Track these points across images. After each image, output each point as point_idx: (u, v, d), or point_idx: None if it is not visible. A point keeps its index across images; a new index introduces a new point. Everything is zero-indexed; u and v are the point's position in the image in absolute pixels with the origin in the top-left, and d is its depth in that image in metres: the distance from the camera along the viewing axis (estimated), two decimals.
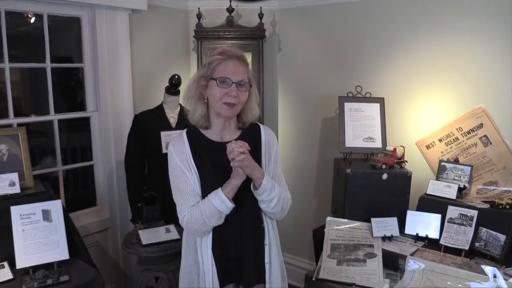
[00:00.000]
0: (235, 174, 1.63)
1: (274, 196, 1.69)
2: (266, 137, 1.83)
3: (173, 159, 1.73)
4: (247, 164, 1.61)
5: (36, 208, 2.21)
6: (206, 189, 1.69)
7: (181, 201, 1.69)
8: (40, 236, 2.18)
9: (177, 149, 1.73)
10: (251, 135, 1.81)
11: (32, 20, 2.90)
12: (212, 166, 1.71)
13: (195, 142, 1.75)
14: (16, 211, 2.16)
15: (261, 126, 1.87)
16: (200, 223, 1.64)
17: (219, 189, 1.64)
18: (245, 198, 1.71)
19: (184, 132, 1.79)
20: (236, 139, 1.71)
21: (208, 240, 1.70)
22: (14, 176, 2.32)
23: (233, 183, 1.63)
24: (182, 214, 1.68)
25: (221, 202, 1.61)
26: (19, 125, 2.67)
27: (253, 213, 1.75)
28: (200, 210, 1.63)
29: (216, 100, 1.67)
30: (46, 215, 2.22)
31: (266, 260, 1.75)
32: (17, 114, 2.74)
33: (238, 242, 1.72)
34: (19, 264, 2.10)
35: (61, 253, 2.20)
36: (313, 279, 2.27)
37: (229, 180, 1.64)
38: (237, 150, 1.57)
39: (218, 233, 1.70)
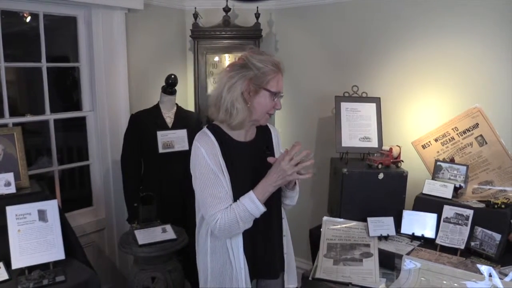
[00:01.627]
0: (276, 182, 1.62)
1: (298, 190, 1.87)
2: (275, 134, 1.94)
3: (205, 161, 1.65)
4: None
5: (32, 208, 2.20)
6: (237, 191, 1.67)
7: (213, 205, 1.63)
8: (36, 236, 2.16)
9: (208, 150, 1.66)
10: (264, 133, 1.88)
11: (28, 19, 2.89)
12: (242, 168, 1.71)
13: (223, 142, 1.71)
14: (11, 211, 2.15)
15: (268, 124, 1.92)
16: (235, 226, 1.62)
17: (252, 193, 1.62)
18: (272, 195, 1.70)
19: (208, 131, 1.73)
20: (254, 138, 1.80)
21: (239, 241, 1.70)
22: (10, 176, 2.31)
23: (271, 190, 1.63)
24: (214, 218, 1.62)
25: (254, 206, 1.61)
26: (14, 124, 2.66)
27: (277, 208, 1.85)
28: (234, 213, 1.61)
29: (264, 110, 1.71)
30: (42, 215, 2.21)
31: (285, 250, 1.89)
32: (12, 113, 2.73)
33: (267, 238, 1.80)
34: (15, 265, 2.09)
35: (57, 253, 2.19)
36: (310, 278, 2.27)
37: (265, 185, 1.62)
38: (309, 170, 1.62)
39: (249, 231, 1.70)
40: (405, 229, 2.52)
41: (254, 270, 1.77)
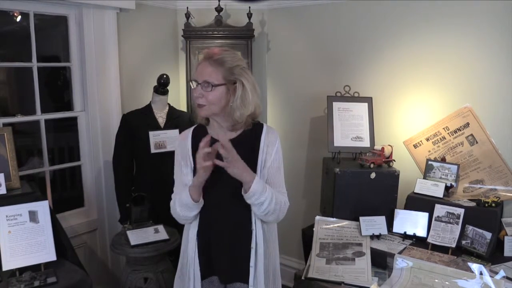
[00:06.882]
0: (197, 173, 1.68)
1: (264, 199, 1.66)
2: (266, 138, 1.81)
3: (176, 151, 1.87)
4: (236, 166, 1.63)
5: (23, 209, 2.18)
6: None
7: (174, 190, 1.85)
8: (26, 237, 2.15)
9: (180, 143, 1.87)
10: (250, 135, 1.80)
11: (18, 18, 2.87)
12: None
13: (198, 138, 1.75)
14: (2, 212, 2.13)
15: (265, 127, 1.85)
16: (175, 211, 1.78)
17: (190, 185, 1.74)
18: (231, 200, 1.73)
19: (192, 127, 1.91)
20: (235, 137, 1.77)
21: (194, 232, 1.79)
22: (0, 177, 2.29)
23: (196, 181, 1.69)
24: (172, 201, 1.82)
25: (186, 195, 1.71)
26: (5, 125, 2.63)
27: (239, 215, 1.76)
28: (175, 199, 1.78)
29: (194, 101, 1.77)
30: (33, 216, 2.19)
31: (251, 263, 1.74)
32: (3, 114, 2.71)
33: (219, 240, 1.77)
34: (6, 266, 2.07)
35: (48, 254, 2.17)
36: (302, 278, 2.28)
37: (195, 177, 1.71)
38: (205, 152, 1.62)
39: (202, 228, 1.79)
40: (397, 228, 2.53)
41: (207, 266, 1.78)
